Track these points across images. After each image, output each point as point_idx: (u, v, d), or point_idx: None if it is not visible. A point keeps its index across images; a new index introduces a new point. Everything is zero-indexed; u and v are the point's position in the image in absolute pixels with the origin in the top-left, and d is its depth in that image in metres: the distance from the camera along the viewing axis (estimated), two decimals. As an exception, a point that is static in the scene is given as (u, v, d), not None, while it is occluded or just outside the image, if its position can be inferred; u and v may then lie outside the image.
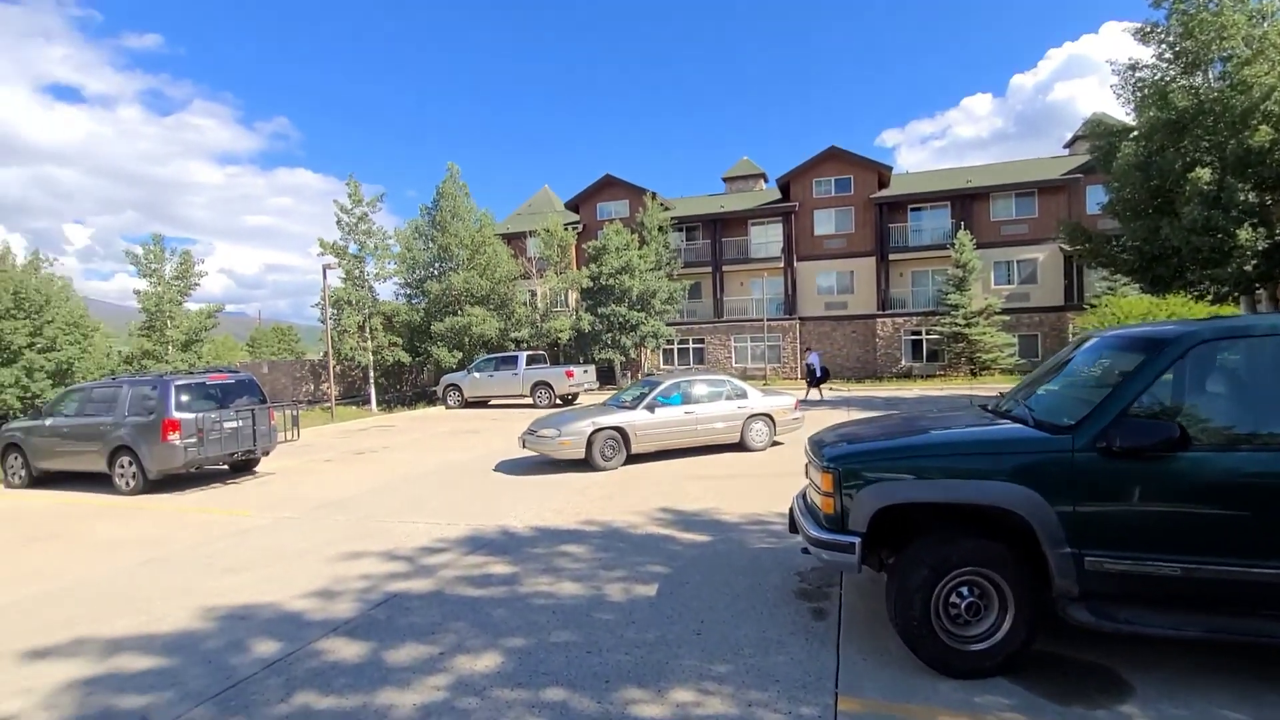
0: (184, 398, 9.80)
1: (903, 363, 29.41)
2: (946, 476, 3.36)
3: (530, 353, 22.55)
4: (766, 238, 32.74)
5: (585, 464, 9.64)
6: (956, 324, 26.95)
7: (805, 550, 3.95)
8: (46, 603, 5.16)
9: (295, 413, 11.48)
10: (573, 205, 35.83)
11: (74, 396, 10.88)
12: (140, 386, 10.03)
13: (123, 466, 9.70)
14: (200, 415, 9.68)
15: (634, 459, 9.96)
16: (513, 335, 27.61)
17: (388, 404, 26.88)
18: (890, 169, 32.30)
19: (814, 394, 20.35)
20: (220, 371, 11.01)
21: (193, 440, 9.49)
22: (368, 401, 26.43)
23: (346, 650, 3.95)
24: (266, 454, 10.96)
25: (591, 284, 27.54)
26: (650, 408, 10.10)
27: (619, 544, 6.00)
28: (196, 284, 22.22)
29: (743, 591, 4.69)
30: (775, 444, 11.06)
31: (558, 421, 9.95)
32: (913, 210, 30.86)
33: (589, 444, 9.54)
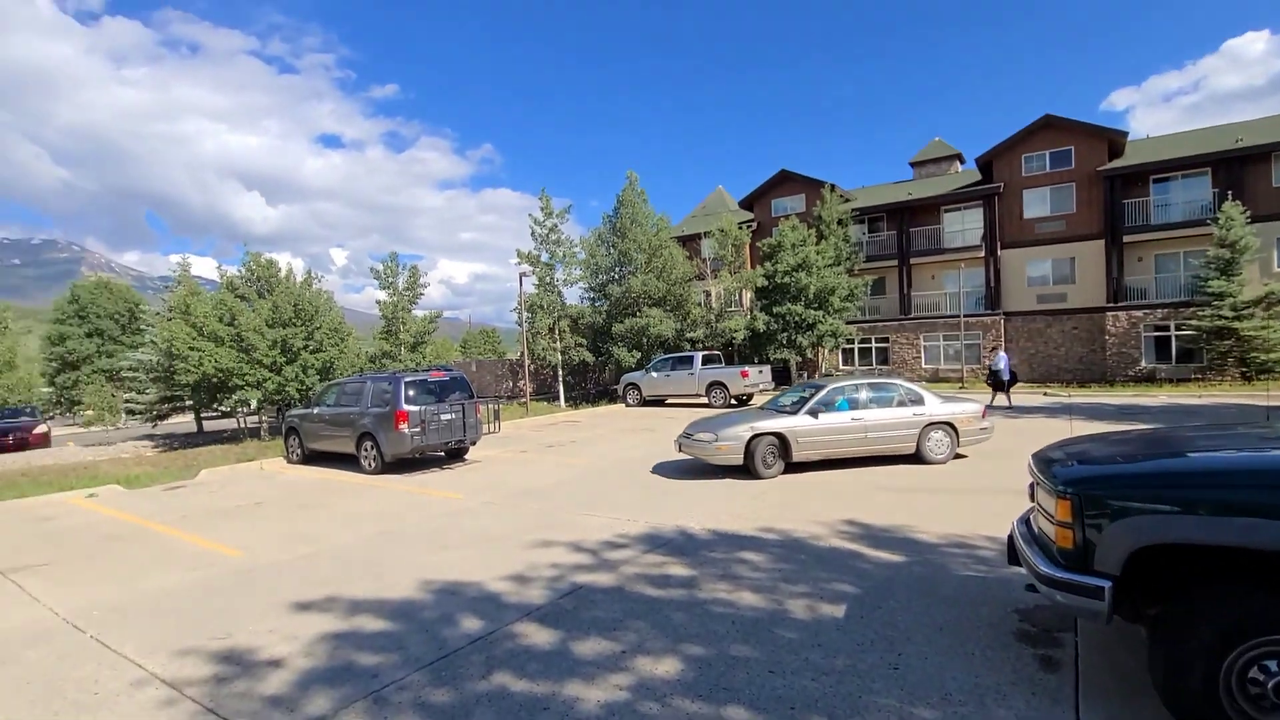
0: (411, 392, 11.32)
1: (1142, 364, 24.60)
2: (1237, 513, 2.62)
3: (705, 353, 22.67)
4: (963, 225, 29.41)
5: (743, 471, 9.32)
6: (1221, 316, 21.89)
7: (1031, 588, 3.37)
8: (311, 563, 6.22)
9: (497, 407, 12.71)
10: (747, 204, 35.38)
11: (333, 389, 13.11)
12: (379, 382, 11.77)
13: (366, 450, 11.47)
14: (423, 408, 11.11)
15: (793, 467, 9.46)
16: (688, 335, 27.99)
17: (574, 400, 28.77)
18: (1124, 135, 27.22)
19: (1001, 399, 17.88)
20: (439, 369, 12.54)
21: (418, 430, 10.92)
22: (557, 398, 28.55)
23: (538, 636, 4.20)
24: (474, 444, 12.27)
25: (766, 282, 26.94)
26: (813, 413, 9.49)
27: (800, 555, 5.70)
28: (422, 293, 25.71)
29: (947, 624, 4.16)
30: (958, 456, 9.85)
31: (714, 425, 9.62)
32: (1157, 182, 25.61)
33: (748, 450, 9.12)
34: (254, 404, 20.81)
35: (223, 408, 22.14)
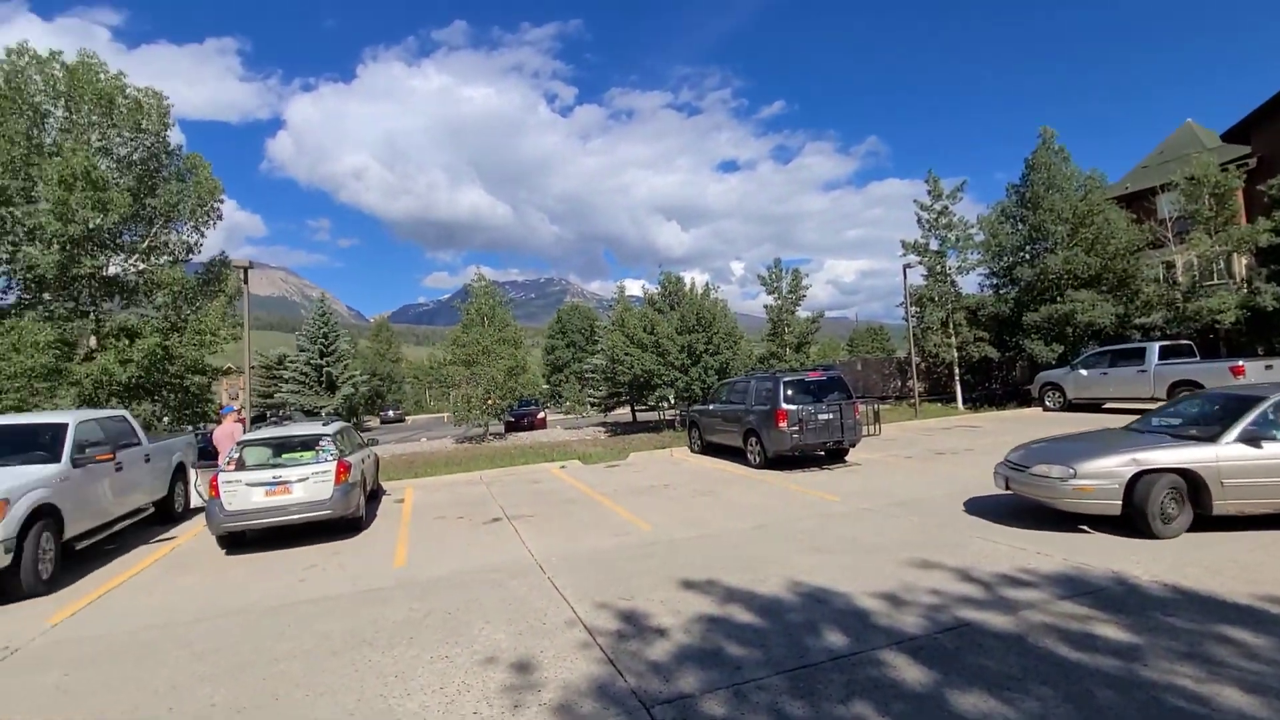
0: (790, 391, 11.65)
1: None
2: None
3: (1166, 343, 17.10)
4: None
5: (1119, 524, 6.42)
6: None
7: None
8: (699, 544, 6.94)
9: (876, 408, 12.06)
10: (1237, 134, 25.25)
11: (725, 387, 14.46)
12: (762, 381, 12.47)
13: (751, 445, 12.27)
14: (800, 407, 11.31)
15: (1208, 523, 6.18)
16: (1136, 322, 21.58)
17: (974, 402, 25.30)
18: None
19: None
20: (817, 369, 12.60)
21: (796, 428, 11.17)
22: (953, 399, 25.57)
23: (908, 672, 3.77)
24: (853, 445, 11.91)
25: (1277, 238, 18.79)
26: (1252, 439, 6.10)
27: (1345, 653, 3.74)
28: (804, 295, 26.30)
29: None
30: None
31: (1066, 453, 6.74)
32: None
33: (1130, 494, 6.17)
34: (671, 399, 24.52)
35: (649, 402, 26.69)
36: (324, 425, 9.10)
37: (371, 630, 4.97)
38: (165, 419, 22.48)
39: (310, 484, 7.92)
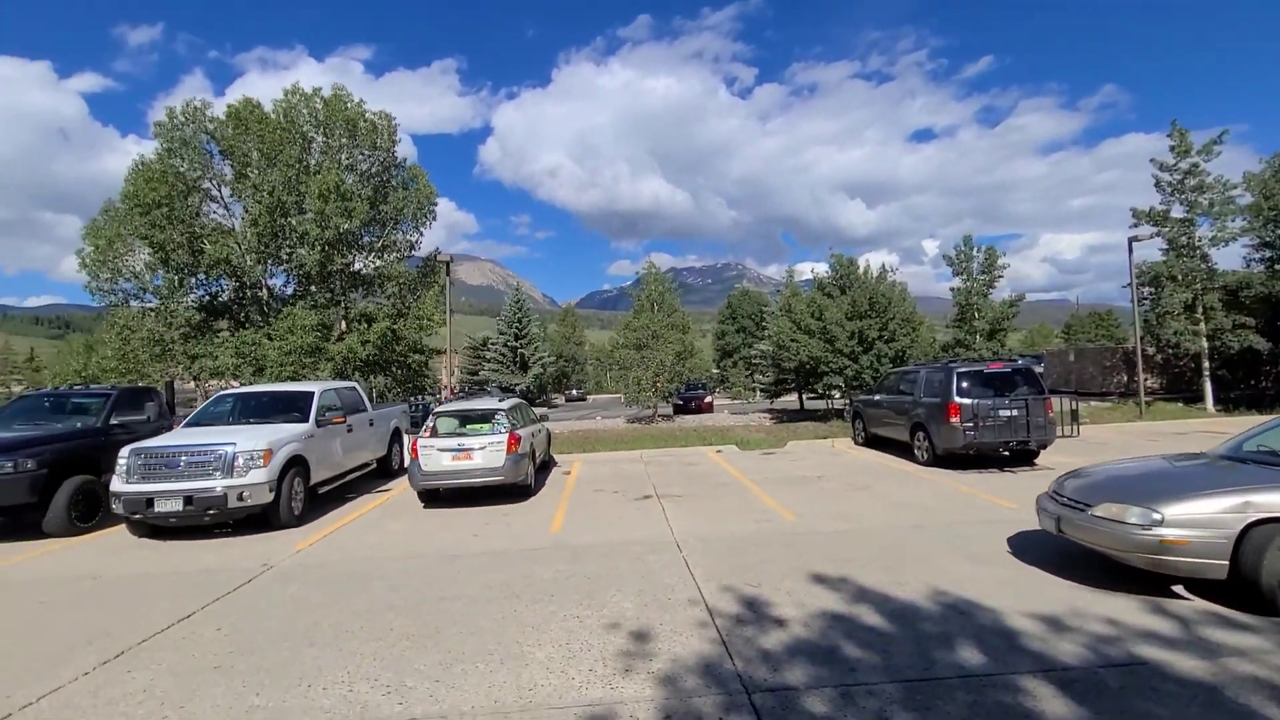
0: (965, 384, 10.58)
1: None
2: None
3: None
4: None
5: (1221, 587, 4.73)
6: None
7: None
8: (842, 540, 6.70)
9: (1074, 406, 10.45)
10: None
11: (893, 377, 13.52)
12: (934, 372, 11.47)
13: (919, 440, 11.39)
14: (976, 401, 10.22)
15: None
16: None
17: (1230, 403, 20.67)
18: None
19: None
20: (1000, 360, 11.26)
21: (970, 424, 10.14)
22: (1200, 398, 21.14)
23: (1051, 703, 3.37)
24: (1043, 446, 10.51)
25: None
26: None
27: None
28: (999, 276, 23.37)
29: None
30: None
31: (1143, 488, 5.02)
32: None
33: (1240, 551, 4.38)
34: (842, 387, 23.47)
35: (817, 390, 25.78)
36: (499, 401, 10.24)
37: (522, 584, 5.61)
38: (394, 390, 26.56)
39: (487, 452, 9.02)
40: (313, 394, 9.69)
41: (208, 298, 24.86)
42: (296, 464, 8.56)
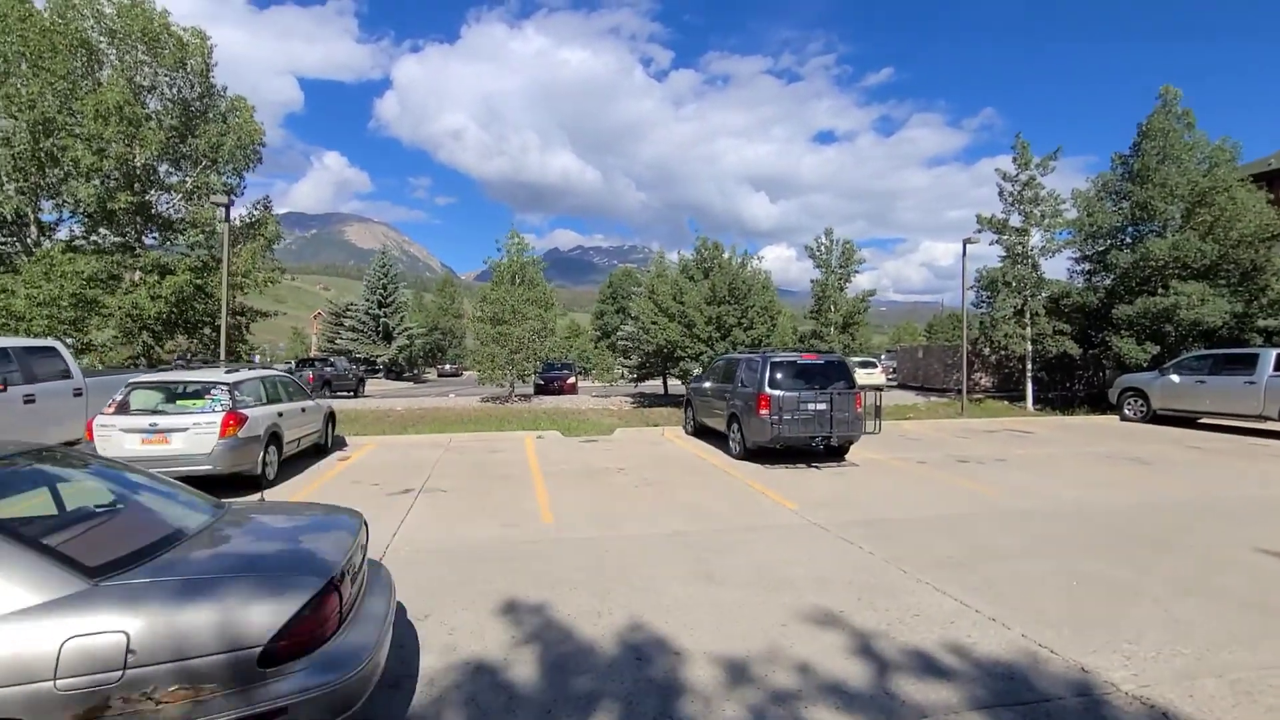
0: (778, 375, 9.99)
1: None
2: None
3: (1291, 351, 13.89)
4: None
5: None
6: None
7: None
8: (578, 551, 5.65)
9: (878, 402, 10.16)
10: None
11: (719, 364, 12.86)
12: (750, 360, 10.84)
13: (733, 432, 10.73)
14: (784, 393, 9.65)
15: None
16: (1260, 324, 18.01)
17: (1047, 404, 22.32)
18: None
19: None
20: (812, 352, 10.82)
21: (776, 417, 9.55)
22: (1023, 398, 22.66)
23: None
24: (848, 442, 10.15)
25: None
26: None
27: None
28: (856, 270, 23.86)
29: None
30: None
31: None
32: None
33: None
34: (695, 373, 23.02)
35: (675, 375, 25.27)
36: (225, 373, 8.35)
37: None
38: (201, 355, 23.03)
39: (191, 435, 7.21)
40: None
41: (-48, 232, 20.23)
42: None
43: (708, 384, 12.64)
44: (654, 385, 29.95)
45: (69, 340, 19.06)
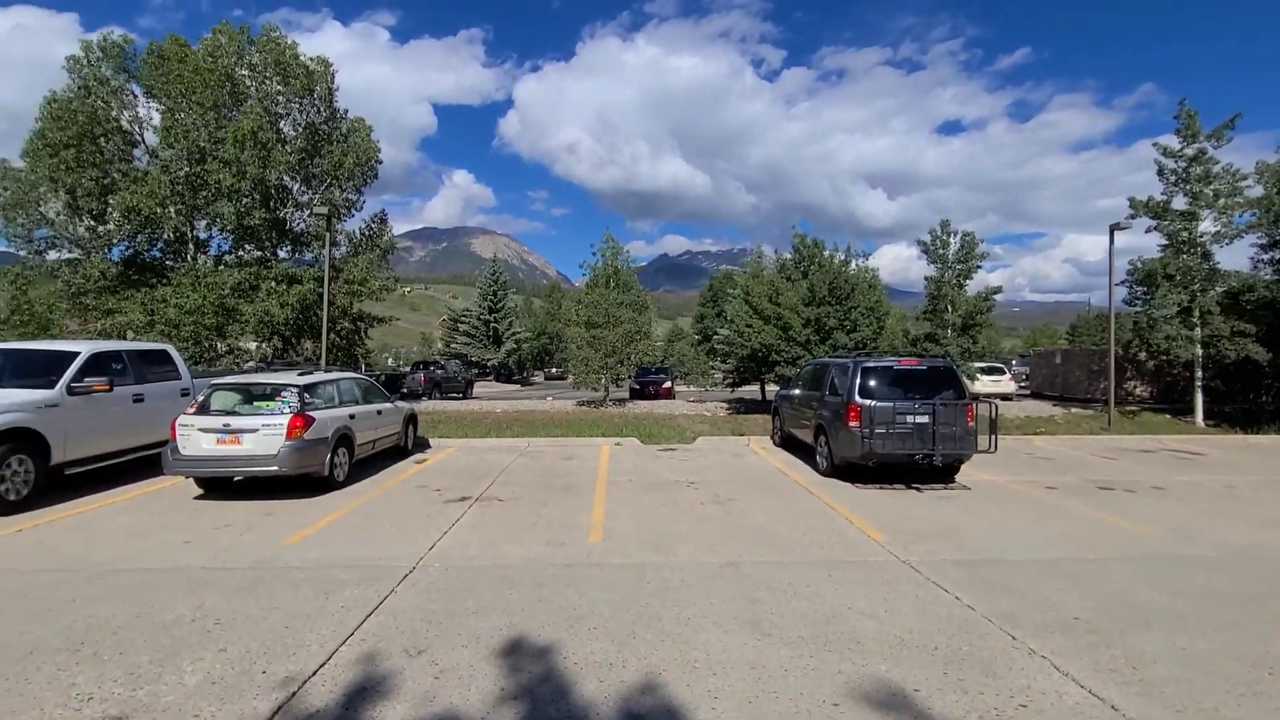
0: (871, 382, 8.82)
1: None
2: None
3: None
4: None
5: None
6: None
7: None
8: (616, 580, 5.03)
9: (993, 415, 8.63)
10: None
11: (808, 369, 11.73)
12: (840, 366, 9.70)
13: (821, 445, 9.65)
14: (876, 403, 8.46)
15: None
16: None
17: (1223, 418, 18.77)
18: None
19: None
20: (913, 357, 9.48)
21: (868, 431, 8.39)
22: (1190, 411, 19.22)
23: None
24: (957, 461, 8.75)
25: None
26: None
27: None
28: (977, 266, 21.37)
29: None
30: None
31: None
32: None
33: None
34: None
35: (770, 380, 24.01)
36: (299, 375, 8.55)
37: (156, 619, 3.99)
38: (330, 359, 24.83)
39: (260, 436, 7.38)
40: (76, 355, 8.04)
41: (131, 250, 23.23)
42: (16, 438, 6.96)
43: (796, 391, 11.57)
44: (752, 390, 28.77)
45: (218, 344, 21.26)
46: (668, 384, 30.22)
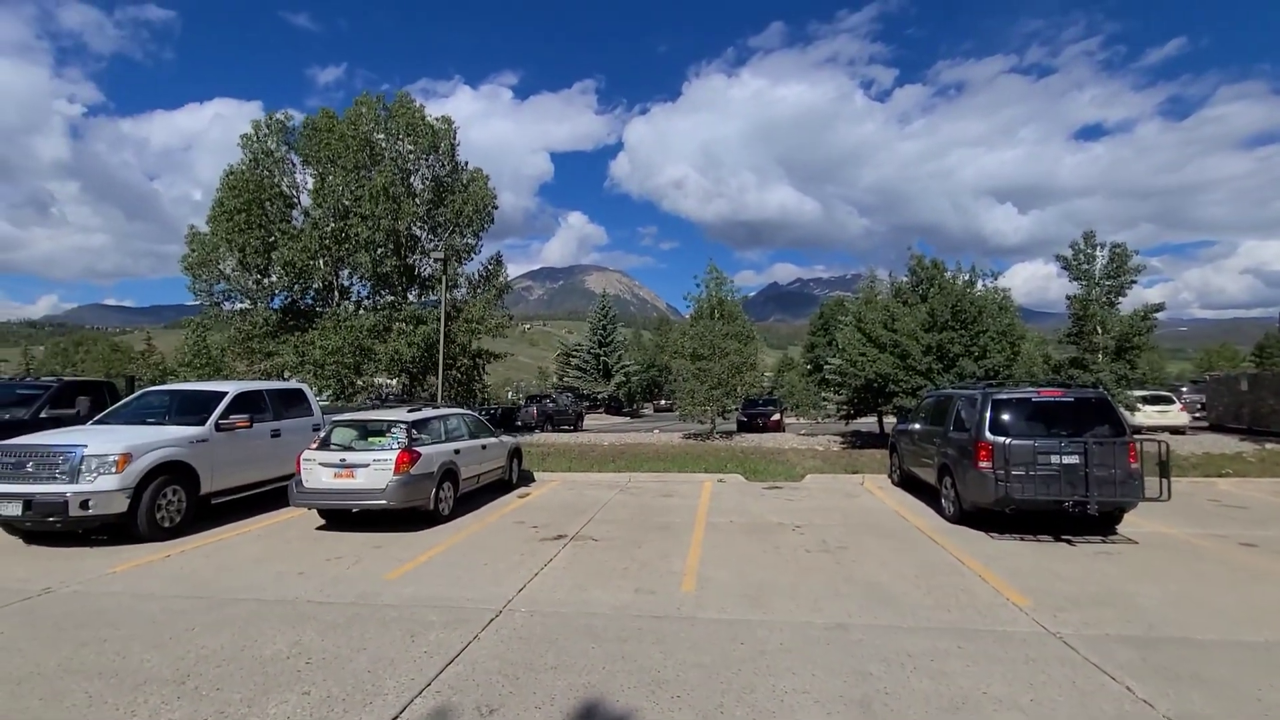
0: (1005, 416, 7.78)
1: None
2: None
3: None
4: None
5: None
6: None
7: None
8: (710, 637, 4.60)
9: (1164, 456, 7.21)
10: None
11: (929, 402, 10.66)
12: (968, 398, 8.68)
13: (946, 487, 8.63)
14: (1018, 440, 7.41)
15: None
16: None
17: None
18: None
19: None
20: (1056, 387, 8.26)
21: (1002, 472, 7.35)
22: None
23: None
24: (1121, 510, 7.43)
25: None
26: None
27: None
28: (1131, 281, 18.79)
29: None
30: None
31: None
32: None
33: None
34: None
35: (887, 411, 22.35)
36: (409, 412, 8.94)
37: (253, 652, 4.17)
38: (449, 393, 26.45)
39: (371, 471, 7.75)
40: (224, 395, 8.95)
41: (290, 299, 26.21)
42: (171, 471, 7.78)
43: (916, 425, 10.53)
44: (869, 422, 26.99)
45: (356, 381, 23.25)
46: (776, 416, 29.12)
